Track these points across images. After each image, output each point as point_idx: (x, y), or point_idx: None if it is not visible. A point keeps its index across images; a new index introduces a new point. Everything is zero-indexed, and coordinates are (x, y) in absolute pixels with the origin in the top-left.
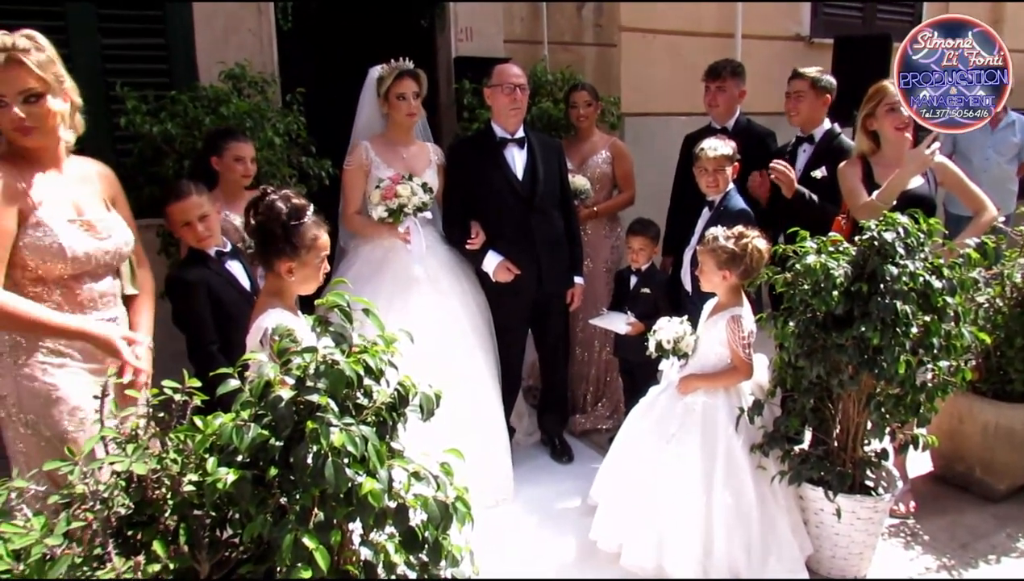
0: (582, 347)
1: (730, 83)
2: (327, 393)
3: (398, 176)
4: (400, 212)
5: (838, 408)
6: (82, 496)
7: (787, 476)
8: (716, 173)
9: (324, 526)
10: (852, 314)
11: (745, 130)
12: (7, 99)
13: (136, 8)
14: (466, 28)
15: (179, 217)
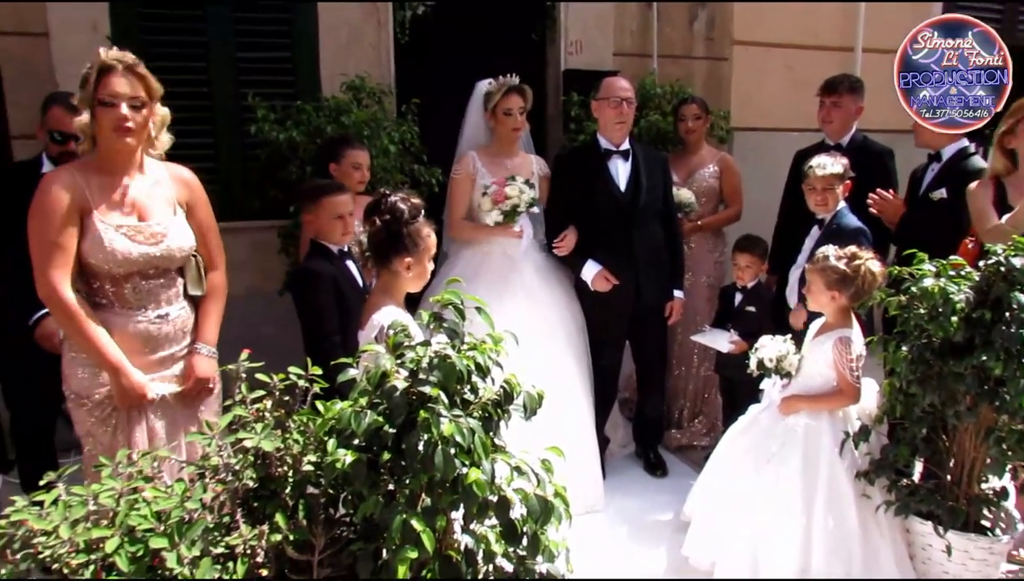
0: (681, 362)
1: (847, 99)
2: (439, 385)
3: (503, 179)
4: (514, 213)
5: (953, 440)
6: (215, 468)
7: (893, 507)
8: (825, 192)
9: (431, 511)
10: (972, 342)
11: (861, 148)
12: (118, 100)
13: (267, 24)
14: (576, 41)
15: (333, 209)
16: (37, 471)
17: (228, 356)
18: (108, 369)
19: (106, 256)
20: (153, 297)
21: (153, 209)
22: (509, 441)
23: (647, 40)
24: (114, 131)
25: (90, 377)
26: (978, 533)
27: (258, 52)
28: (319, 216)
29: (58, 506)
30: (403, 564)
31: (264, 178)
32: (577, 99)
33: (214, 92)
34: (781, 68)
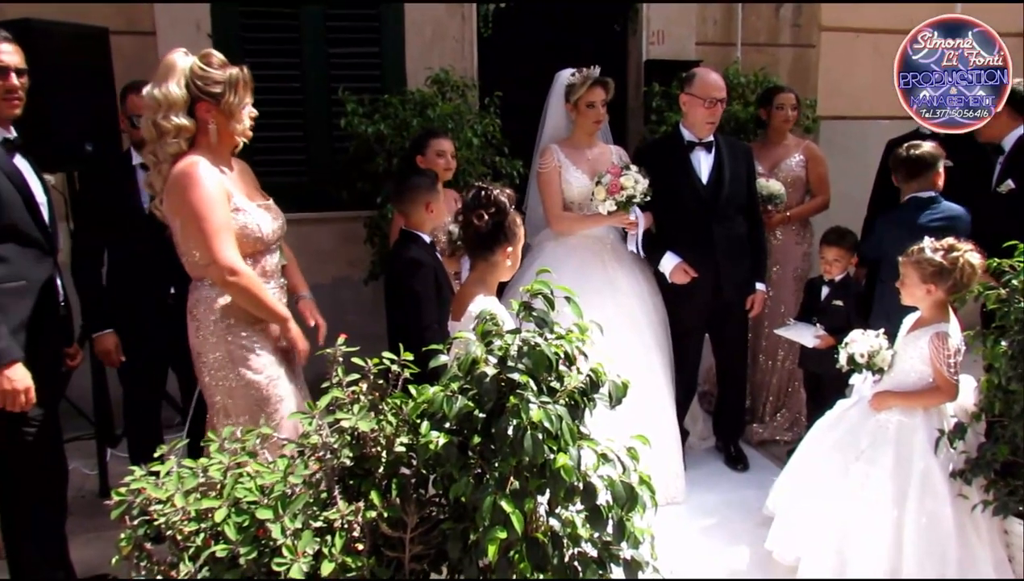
0: (765, 356)
1: None
2: (527, 373)
3: (617, 168)
4: (629, 203)
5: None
6: (314, 446)
7: (991, 507)
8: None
9: (519, 494)
10: None
11: (959, 135)
12: (246, 104)
13: (356, 20)
14: (658, 31)
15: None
16: (145, 445)
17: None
18: (280, 321)
19: (257, 233)
20: (275, 270)
21: (255, 192)
22: (592, 429)
23: (731, 29)
24: (241, 135)
25: (253, 328)
26: None
27: (348, 48)
28: (413, 209)
29: (172, 477)
30: (492, 544)
31: (351, 170)
32: (658, 89)
33: (306, 87)
34: (871, 54)
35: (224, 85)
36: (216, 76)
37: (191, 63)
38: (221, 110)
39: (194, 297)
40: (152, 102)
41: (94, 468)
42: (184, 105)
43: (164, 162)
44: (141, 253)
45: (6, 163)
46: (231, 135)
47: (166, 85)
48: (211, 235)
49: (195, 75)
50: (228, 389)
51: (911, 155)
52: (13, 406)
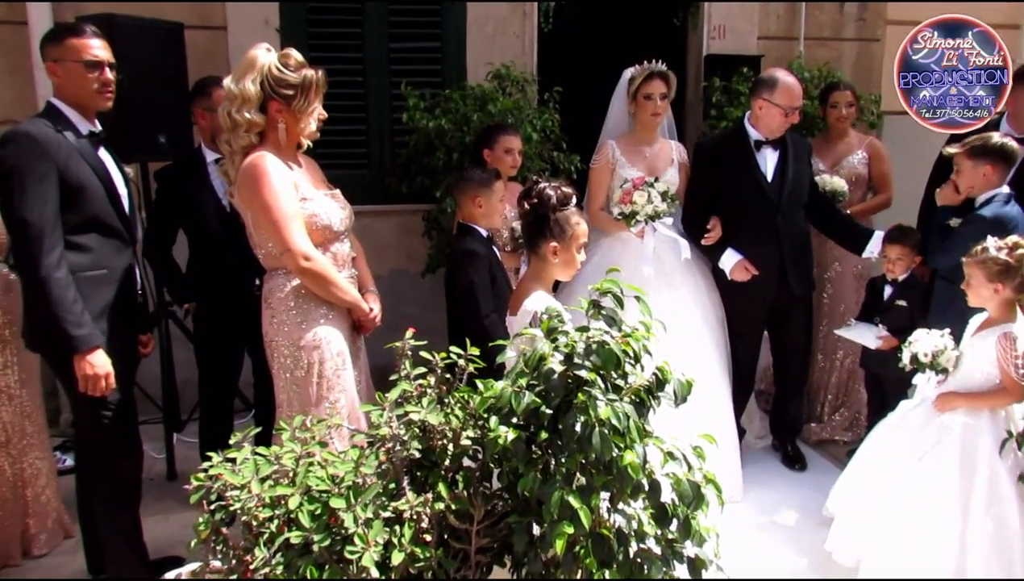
0: (824, 354)
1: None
2: (595, 370)
3: (641, 180)
4: (632, 217)
5: None
6: (383, 437)
7: None
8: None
9: (585, 490)
10: None
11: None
12: (315, 107)
13: (419, 15)
14: (719, 26)
15: (473, 193)
16: (217, 431)
17: (376, 335)
18: (353, 305)
19: (326, 221)
20: (346, 259)
21: (321, 184)
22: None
23: (794, 23)
24: (308, 136)
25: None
26: None
27: (409, 43)
28: (461, 198)
29: (249, 463)
30: (560, 538)
31: (411, 164)
32: (719, 85)
33: (367, 81)
34: None
35: (296, 88)
36: (290, 78)
37: (270, 62)
38: (291, 111)
39: (268, 286)
40: (230, 94)
41: (161, 452)
42: (257, 102)
43: (237, 153)
44: (222, 244)
45: (91, 155)
46: (298, 135)
47: (243, 81)
48: (282, 224)
49: (271, 75)
50: (295, 378)
51: (1000, 142)
52: (95, 391)
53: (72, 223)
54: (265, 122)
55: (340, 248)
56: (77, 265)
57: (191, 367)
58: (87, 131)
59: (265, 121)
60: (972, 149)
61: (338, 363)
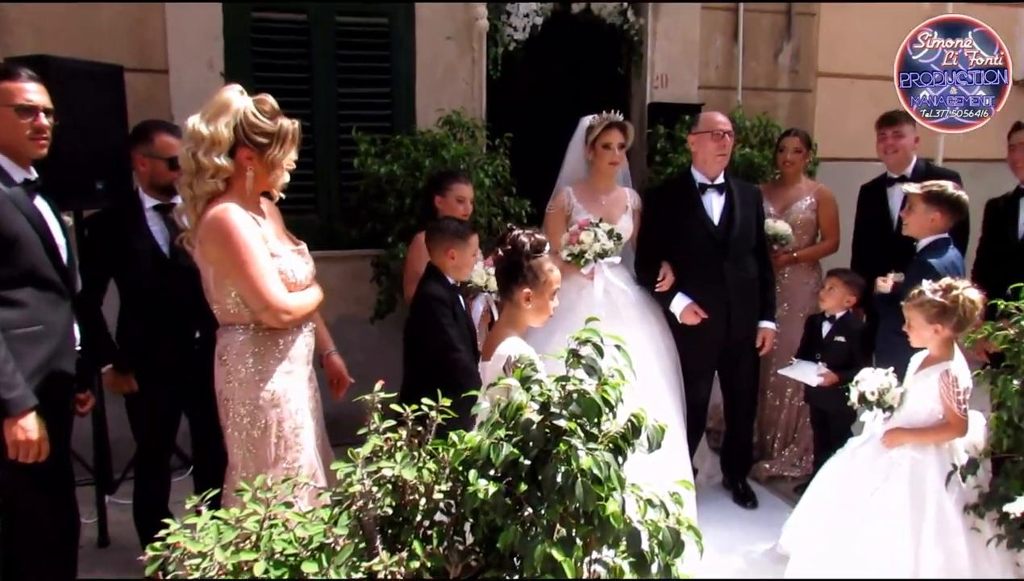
0: (774, 392)
1: (907, 128)
2: (574, 419)
3: (586, 221)
4: (581, 257)
5: None
6: (353, 496)
7: (1005, 540)
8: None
9: (567, 541)
10: None
11: (926, 176)
12: (288, 158)
13: (368, 61)
14: (662, 75)
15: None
16: (153, 492)
17: (325, 384)
18: (318, 300)
19: (292, 278)
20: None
21: (284, 236)
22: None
23: (731, 73)
24: (277, 187)
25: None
26: None
27: (358, 88)
28: (434, 246)
29: (211, 529)
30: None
31: (361, 209)
32: (663, 132)
33: (316, 126)
34: (866, 99)
35: (271, 137)
36: (266, 126)
37: (246, 106)
38: (262, 160)
39: (223, 342)
40: (197, 136)
41: (92, 515)
42: (227, 146)
43: (199, 199)
44: (157, 294)
45: (26, 205)
46: (266, 185)
47: (216, 123)
48: (258, 281)
49: (246, 120)
50: (252, 438)
51: (955, 194)
52: (27, 457)
53: (5, 277)
54: (233, 168)
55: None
56: (9, 322)
57: (123, 423)
58: (21, 179)
59: (233, 167)
60: (929, 194)
61: (297, 421)
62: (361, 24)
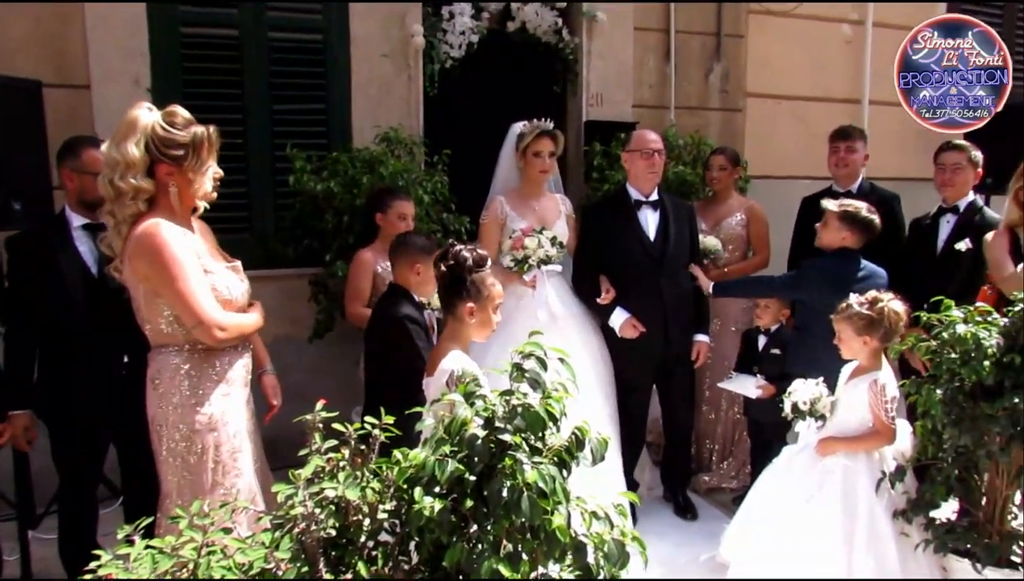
0: (709, 406)
1: (859, 143)
2: (518, 433)
3: (529, 228)
4: (524, 262)
5: (984, 479)
6: (295, 518)
7: (932, 544)
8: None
9: (513, 556)
10: (1003, 385)
11: (870, 194)
12: (209, 166)
13: (302, 77)
14: (597, 94)
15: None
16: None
17: (261, 404)
18: (257, 325)
19: (227, 295)
20: (247, 335)
21: (218, 254)
22: None
23: (664, 93)
24: (204, 198)
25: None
26: (1011, 568)
27: (293, 104)
28: (399, 262)
29: (145, 559)
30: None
31: (297, 227)
32: (599, 149)
33: (249, 144)
34: (792, 119)
35: (186, 147)
36: (179, 137)
37: (153, 121)
38: (183, 173)
39: (156, 365)
40: (110, 160)
41: (14, 552)
42: (143, 166)
43: (123, 223)
44: (84, 318)
45: None
46: (193, 198)
47: (125, 145)
48: (190, 297)
49: (156, 135)
50: (187, 464)
51: (868, 217)
52: None
53: None
54: (154, 187)
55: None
56: None
57: (45, 453)
58: None
59: (154, 186)
60: (845, 213)
61: (235, 444)
62: (295, 40)
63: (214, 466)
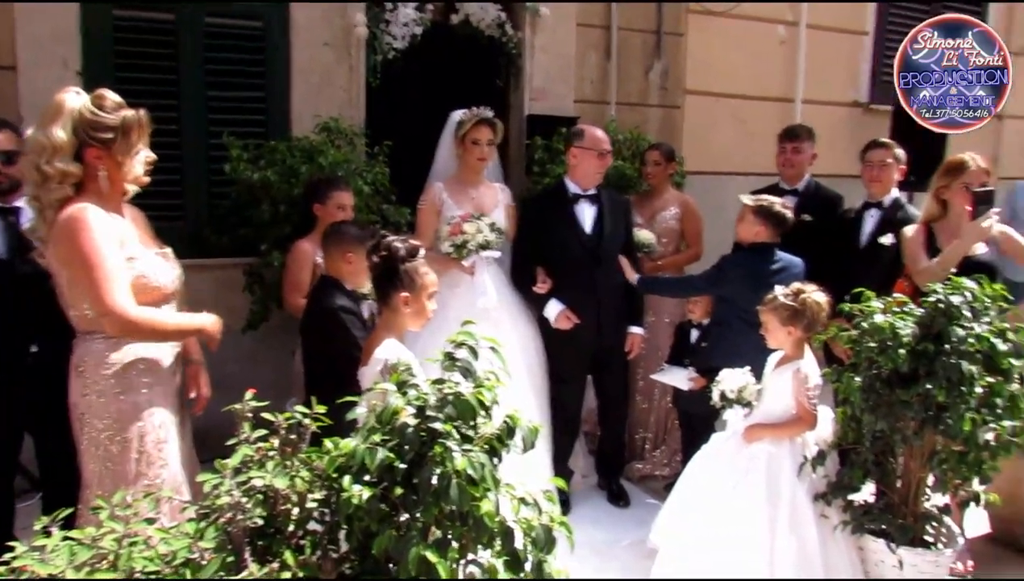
0: (643, 396)
1: (806, 144)
2: (449, 421)
3: (468, 214)
4: (463, 247)
5: (899, 462)
6: (220, 508)
7: (849, 525)
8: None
9: (442, 543)
10: (917, 372)
11: (815, 193)
12: (139, 150)
13: (239, 64)
14: (539, 88)
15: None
16: None
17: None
18: (196, 332)
19: (155, 282)
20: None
21: (150, 240)
22: None
23: (606, 89)
24: (134, 182)
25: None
26: (924, 548)
27: (230, 91)
28: (331, 251)
29: (63, 550)
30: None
31: (232, 215)
32: (540, 143)
33: (183, 129)
34: (729, 116)
35: (115, 131)
36: (107, 120)
37: (81, 104)
38: (112, 156)
39: (80, 353)
40: (36, 144)
41: None
42: (70, 150)
43: (49, 208)
44: None
45: None
46: (123, 182)
47: (51, 128)
48: (101, 282)
49: (84, 119)
50: (110, 454)
51: (780, 211)
52: None
53: None
54: (82, 171)
55: (170, 310)
56: None
57: None
58: None
59: (82, 170)
60: (759, 208)
61: (160, 435)
62: (233, 27)
63: (138, 456)
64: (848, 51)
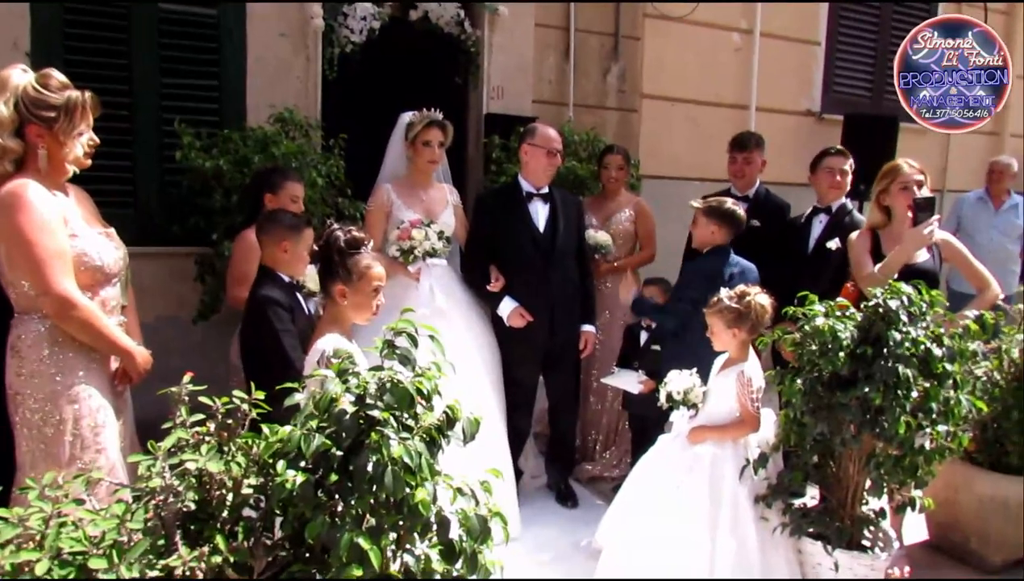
0: (596, 397)
1: (756, 154)
2: (388, 409)
3: (417, 221)
4: (410, 253)
5: (839, 466)
6: (153, 490)
7: (788, 528)
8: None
9: (375, 531)
10: (856, 375)
11: (764, 200)
12: (81, 132)
13: (194, 52)
14: (497, 87)
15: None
16: None
17: (142, 387)
18: (123, 354)
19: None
20: (115, 306)
21: (95, 220)
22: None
23: (564, 90)
24: (86, 157)
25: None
26: (860, 551)
27: (184, 79)
28: (266, 240)
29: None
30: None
31: (184, 204)
32: (498, 142)
33: (135, 116)
34: (685, 121)
35: (58, 110)
36: (51, 99)
37: (26, 82)
38: (53, 135)
39: (17, 331)
40: None
41: None
42: (11, 126)
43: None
44: None
45: None
46: (63, 162)
47: None
48: (43, 262)
49: (27, 96)
50: (43, 436)
51: (731, 208)
52: None
53: None
54: (23, 149)
55: (111, 293)
56: None
57: None
58: None
59: (23, 148)
60: (709, 208)
61: (97, 420)
62: (188, 14)
63: (72, 439)
64: (801, 60)
